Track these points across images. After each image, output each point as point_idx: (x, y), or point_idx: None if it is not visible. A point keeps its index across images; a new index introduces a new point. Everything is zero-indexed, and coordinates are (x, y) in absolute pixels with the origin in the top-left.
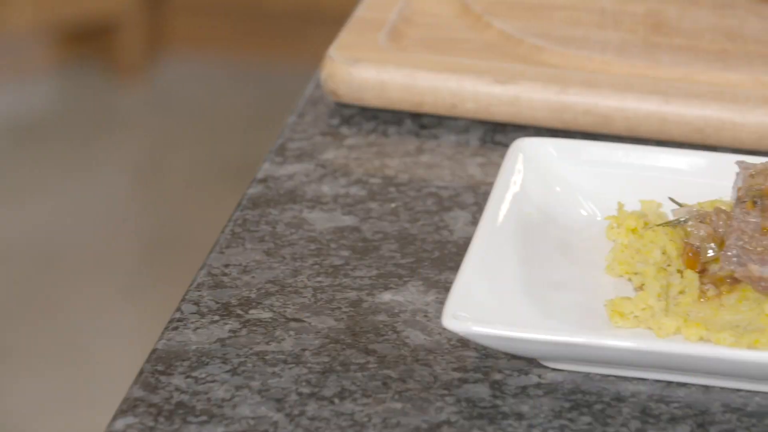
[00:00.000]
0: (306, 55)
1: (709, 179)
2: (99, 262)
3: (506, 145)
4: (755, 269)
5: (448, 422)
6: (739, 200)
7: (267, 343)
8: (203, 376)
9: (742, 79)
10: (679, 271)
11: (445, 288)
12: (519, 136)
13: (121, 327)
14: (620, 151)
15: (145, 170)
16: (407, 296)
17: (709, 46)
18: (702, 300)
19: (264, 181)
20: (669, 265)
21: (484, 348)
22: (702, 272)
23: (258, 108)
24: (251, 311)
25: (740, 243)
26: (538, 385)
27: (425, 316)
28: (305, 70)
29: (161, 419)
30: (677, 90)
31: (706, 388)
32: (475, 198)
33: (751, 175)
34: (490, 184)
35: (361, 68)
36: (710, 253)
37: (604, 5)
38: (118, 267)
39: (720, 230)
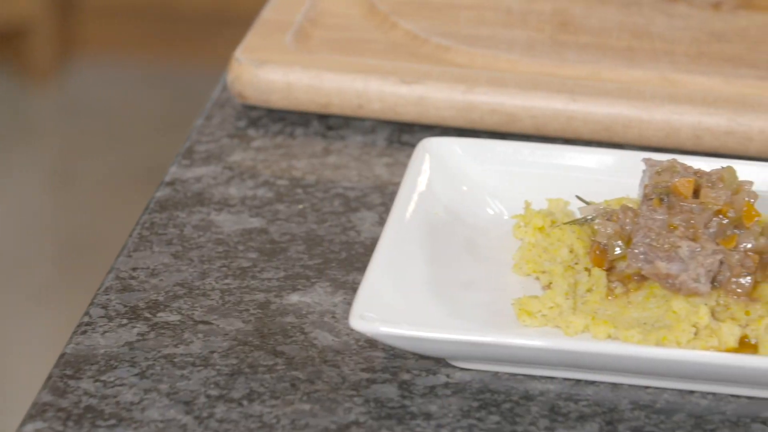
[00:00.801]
0: (216, 57)
1: (616, 177)
2: (10, 268)
3: (413, 145)
4: (662, 266)
5: (356, 423)
6: (645, 198)
7: (175, 346)
8: (112, 379)
9: (648, 76)
10: (587, 269)
11: (353, 289)
12: (426, 136)
13: (32, 332)
14: (527, 149)
15: (56, 175)
16: (315, 297)
17: (616, 44)
18: (609, 298)
19: (172, 184)
20: (576, 264)
21: (392, 348)
22: (609, 270)
23: (169, 111)
24: (159, 314)
25: (647, 240)
26: (446, 385)
27: (333, 317)
28: (215, 72)
29: (70, 423)
30: (584, 88)
31: (615, 385)
32: (382, 198)
33: (658, 173)
34: (397, 185)
35: (268, 70)
36: (617, 250)
37: (510, 4)
38: (30, 273)
39: (627, 228)
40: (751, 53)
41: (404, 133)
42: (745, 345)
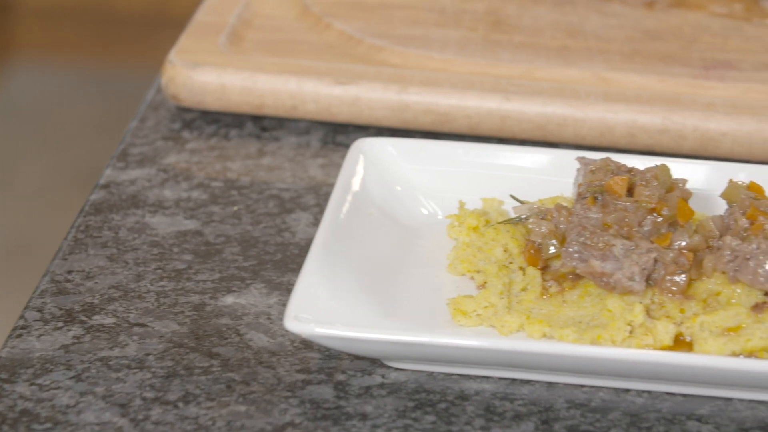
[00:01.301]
0: (151, 59)
1: (550, 176)
2: None
3: (347, 146)
4: (597, 265)
5: (292, 424)
6: (579, 196)
7: (111, 349)
8: (47, 383)
9: (582, 75)
10: (521, 269)
11: (288, 290)
12: (360, 137)
13: None
14: (461, 149)
15: None
16: (250, 299)
17: (550, 43)
18: (544, 297)
19: (106, 186)
20: (511, 263)
21: (328, 349)
22: (544, 269)
23: (104, 113)
24: (95, 317)
25: (581, 239)
26: (381, 385)
27: (268, 318)
28: (150, 74)
29: (5, 427)
30: (518, 87)
31: (550, 384)
32: (317, 199)
33: (592, 171)
34: (332, 185)
35: (202, 72)
36: (552, 249)
37: (444, 4)
38: None
39: (561, 227)
40: (685, 51)
41: (339, 134)
42: (680, 343)
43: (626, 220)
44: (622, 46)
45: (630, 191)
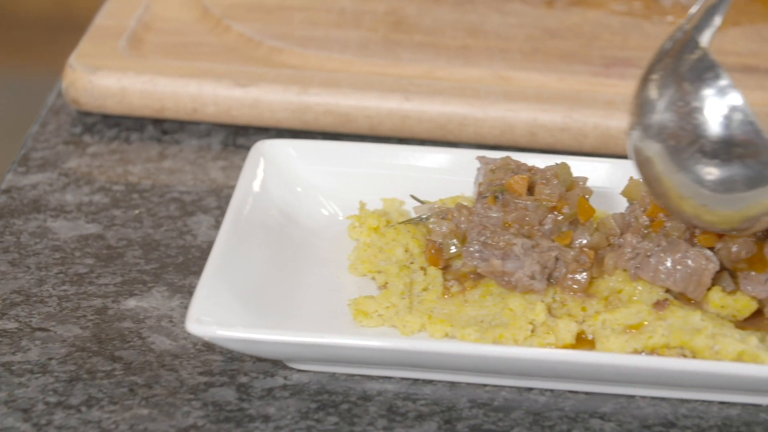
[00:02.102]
0: (52, 63)
1: (450, 175)
2: None
3: (248, 148)
4: (498, 264)
5: (195, 427)
6: (480, 195)
7: (13, 354)
8: None
9: (483, 74)
10: (423, 269)
11: (190, 293)
12: (261, 139)
13: None
14: (361, 149)
15: None
16: (152, 302)
17: (450, 43)
18: (446, 296)
19: (7, 191)
20: (412, 263)
21: (230, 351)
22: (445, 269)
23: (4, 118)
24: None
25: (482, 238)
26: (284, 387)
27: (170, 321)
28: (51, 78)
29: None
30: (418, 87)
31: (453, 384)
32: (218, 202)
33: (492, 170)
34: (233, 188)
35: (102, 76)
36: (453, 249)
37: (343, 5)
38: None
39: (462, 226)
40: (585, 49)
41: (239, 136)
42: (582, 341)
43: (527, 218)
44: (523, 44)
45: (530, 190)
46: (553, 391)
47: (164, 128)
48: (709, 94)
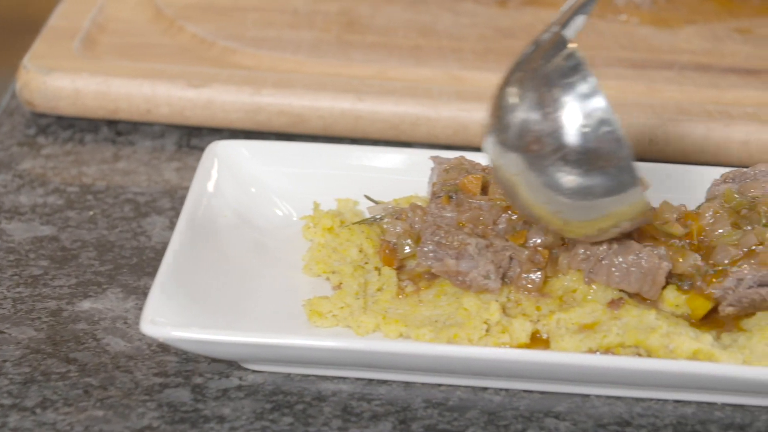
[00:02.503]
0: (6, 64)
1: (404, 176)
2: None
3: (202, 149)
4: (452, 264)
5: (150, 428)
6: (434, 195)
7: None
8: None
9: (435, 74)
10: (377, 269)
11: (145, 294)
12: (215, 139)
13: None
14: (315, 150)
15: None
16: (107, 303)
17: (403, 43)
18: (400, 296)
19: None
20: (366, 263)
21: (185, 352)
22: (400, 269)
23: None
24: None
25: (436, 238)
26: (239, 388)
27: (125, 322)
28: (5, 80)
29: None
30: (371, 87)
31: (408, 384)
32: (172, 203)
33: (446, 170)
34: (187, 189)
35: (56, 77)
36: (407, 249)
37: (296, 5)
38: None
39: (416, 226)
40: None
41: (193, 137)
42: (536, 340)
43: (481, 218)
44: (475, 44)
45: (484, 190)
46: (508, 391)
47: (118, 129)
48: (570, 98)
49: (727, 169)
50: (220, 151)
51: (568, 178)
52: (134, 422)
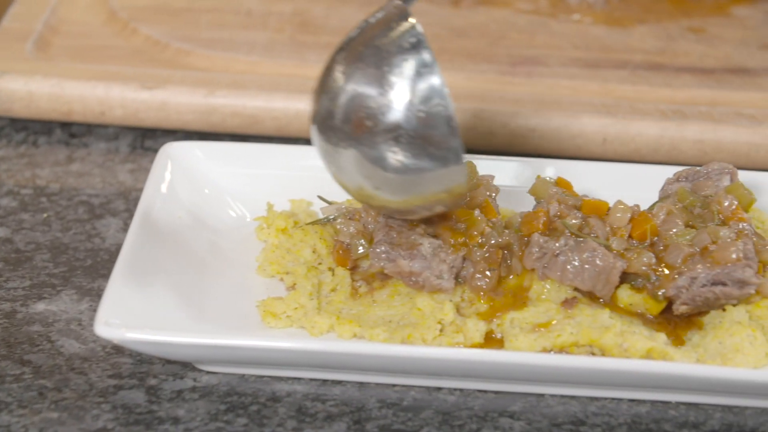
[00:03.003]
0: None
1: None
2: None
3: (156, 151)
4: (405, 264)
5: (104, 429)
6: None
7: None
8: None
9: None
10: (331, 269)
11: (99, 296)
12: (169, 141)
13: None
14: (268, 151)
15: None
16: (61, 305)
17: None
18: (354, 297)
19: None
20: (320, 264)
21: (139, 354)
22: (353, 269)
23: None
24: None
25: (389, 239)
26: (193, 389)
27: (79, 324)
28: None
29: None
30: None
31: (362, 384)
32: (127, 204)
33: None
34: (141, 190)
35: (8, 80)
36: (360, 249)
37: (250, 6)
38: None
39: (369, 227)
40: (491, 48)
41: (147, 139)
42: (490, 340)
43: (433, 218)
44: (429, 44)
45: None
46: (463, 391)
47: (72, 131)
48: (406, 75)
49: (680, 168)
50: (173, 152)
51: (395, 156)
52: (89, 424)
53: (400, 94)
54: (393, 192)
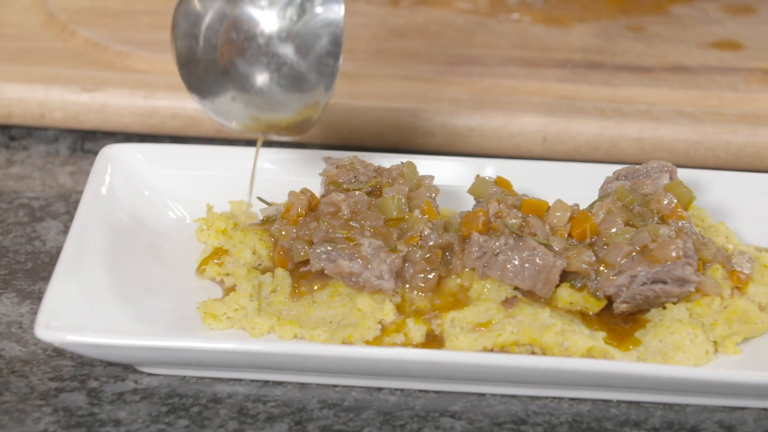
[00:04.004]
0: None
1: (297, 176)
2: None
3: (96, 153)
4: (345, 265)
5: None
6: (325, 196)
7: None
8: None
9: None
10: (271, 270)
11: (39, 298)
12: (109, 143)
13: None
14: (208, 152)
15: None
16: (1, 309)
17: None
18: (295, 298)
19: None
20: (260, 265)
21: (80, 356)
22: (293, 270)
23: None
24: None
25: (329, 239)
26: (134, 391)
27: (20, 327)
28: None
29: None
30: None
31: (303, 385)
32: (67, 207)
33: (337, 170)
34: (81, 193)
35: None
36: (301, 251)
37: None
38: None
39: (309, 226)
40: (431, 48)
41: (87, 141)
42: (431, 340)
43: (375, 218)
44: (368, 44)
45: (380, 191)
46: (404, 391)
47: (12, 134)
48: None
49: (620, 167)
50: (113, 154)
51: (267, 71)
52: (30, 427)
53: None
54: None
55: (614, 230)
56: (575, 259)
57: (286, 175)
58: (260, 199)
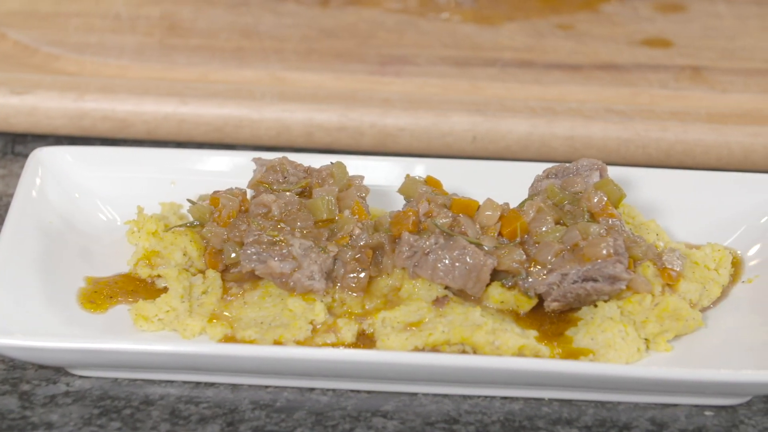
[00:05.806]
0: None
1: (228, 178)
2: None
3: (27, 156)
4: (276, 265)
5: None
6: (254, 197)
7: None
8: None
9: (258, 75)
10: (202, 272)
11: None
12: (40, 146)
13: None
14: (139, 154)
15: None
16: None
17: (225, 45)
18: (226, 299)
19: None
20: (191, 266)
21: (11, 359)
22: (224, 271)
23: None
24: None
25: (259, 240)
26: (66, 394)
27: None
28: None
29: None
30: (194, 90)
31: (235, 386)
32: None
33: (267, 171)
34: (12, 196)
35: None
36: (231, 253)
37: (119, 10)
38: None
39: (241, 228)
40: (361, 48)
41: (18, 144)
42: (363, 340)
43: (301, 220)
44: (298, 45)
45: (310, 192)
46: (335, 391)
47: None
48: None
49: (550, 165)
50: (43, 157)
51: None
52: None
53: None
54: None
55: (545, 229)
56: (506, 257)
57: (217, 176)
58: (190, 200)
